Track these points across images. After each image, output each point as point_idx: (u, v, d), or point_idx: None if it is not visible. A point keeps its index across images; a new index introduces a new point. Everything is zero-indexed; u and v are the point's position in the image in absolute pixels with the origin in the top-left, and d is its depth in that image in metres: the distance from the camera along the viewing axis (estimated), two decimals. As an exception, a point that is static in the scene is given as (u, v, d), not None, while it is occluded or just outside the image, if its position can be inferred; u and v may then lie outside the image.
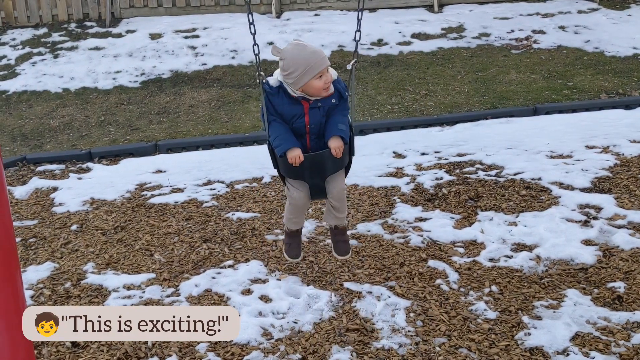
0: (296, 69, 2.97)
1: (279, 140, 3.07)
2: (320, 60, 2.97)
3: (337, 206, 3.33)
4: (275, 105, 3.10)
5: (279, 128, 3.09)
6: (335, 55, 9.74)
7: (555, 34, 10.42)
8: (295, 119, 3.09)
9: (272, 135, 3.11)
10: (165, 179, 6.32)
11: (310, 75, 2.97)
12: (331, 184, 3.22)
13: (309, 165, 3.09)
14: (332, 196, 3.25)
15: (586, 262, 4.37)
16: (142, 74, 9.71)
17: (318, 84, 3.00)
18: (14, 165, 6.97)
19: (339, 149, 3.06)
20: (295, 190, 3.23)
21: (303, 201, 3.28)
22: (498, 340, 3.66)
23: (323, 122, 3.12)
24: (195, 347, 3.73)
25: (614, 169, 5.76)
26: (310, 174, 3.15)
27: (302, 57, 2.96)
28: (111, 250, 4.94)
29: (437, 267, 4.43)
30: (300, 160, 3.05)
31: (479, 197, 5.42)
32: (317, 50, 3.01)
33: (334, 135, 3.07)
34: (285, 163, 3.10)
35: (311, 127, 3.11)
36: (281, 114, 3.11)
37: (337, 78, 3.15)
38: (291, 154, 3.04)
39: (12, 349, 2.62)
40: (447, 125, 7.41)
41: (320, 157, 3.09)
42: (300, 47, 3.00)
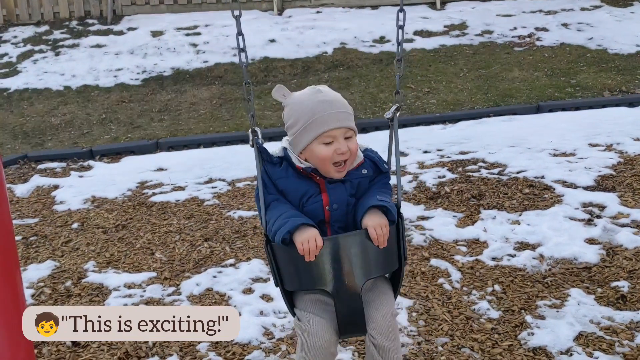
0: (296, 122, 2.09)
1: (282, 220, 2.00)
2: (330, 115, 1.99)
3: (387, 347, 2.05)
4: (277, 180, 2.13)
5: (282, 208, 2.08)
6: (337, 53, 9.71)
7: (558, 31, 10.39)
8: (307, 200, 2.08)
9: (270, 219, 2.06)
10: (167, 177, 6.31)
11: (313, 135, 2.02)
12: (372, 305, 2.04)
13: (332, 258, 1.95)
14: (375, 327, 2.01)
15: (590, 261, 4.34)
16: (144, 71, 9.70)
17: (323, 153, 2.01)
18: (15, 163, 6.96)
19: (381, 228, 1.97)
20: (312, 319, 2.02)
21: (326, 338, 2.00)
22: (501, 340, 3.63)
23: (352, 203, 2.10)
24: (196, 346, 3.71)
25: (618, 167, 5.73)
26: (335, 278, 1.95)
27: (308, 105, 2.06)
28: (112, 249, 4.92)
29: (440, 266, 4.40)
30: (318, 246, 1.94)
31: (482, 195, 5.39)
32: (334, 100, 2.05)
33: (372, 206, 2.02)
34: (292, 261, 2.00)
35: (333, 209, 2.06)
36: (285, 193, 2.12)
37: (367, 147, 2.26)
38: (302, 236, 1.93)
39: (12, 347, 2.60)
40: (449, 123, 7.38)
41: (351, 241, 1.97)
42: (312, 92, 2.11)
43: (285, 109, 2.18)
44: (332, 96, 2.09)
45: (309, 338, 2.01)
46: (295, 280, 2.05)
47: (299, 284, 2.04)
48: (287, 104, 2.18)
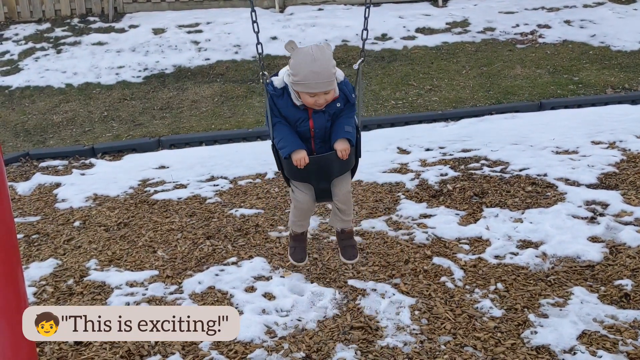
0: (295, 74, 2.92)
1: (284, 142, 3.03)
2: (315, 84, 2.87)
3: (344, 209, 3.29)
4: (280, 107, 3.04)
5: (283, 130, 3.05)
6: (339, 50, 9.69)
7: (560, 28, 10.35)
8: (299, 123, 3.05)
9: (276, 137, 3.07)
10: (169, 175, 6.30)
11: (304, 90, 2.91)
12: (337, 187, 3.18)
13: (314, 168, 3.05)
14: (338, 199, 3.21)
15: (593, 260, 4.32)
16: (145, 69, 9.68)
17: (308, 100, 2.95)
18: (17, 161, 6.96)
19: (345, 151, 3.02)
20: (301, 193, 3.20)
21: (308, 204, 3.23)
22: (504, 339, 3.62)
23: (328, 126, 3.07)
24: (198, 345, 3.71)
25: (621, 165, 5.71)
26: (316, 177, 3.11)
27: (304, 70, 2.86)
28: (114, 247, 4.92)
29: (442, 264, 4.39)
30: (306, 163, 3.00)
31: (484, 193, 5.37)
32: (322, 71, 2.87)
33: (340, 137, 3.02)
34: (290, 165, 3.06)
35: (316, 131, 3.06)
36: (286, 117, 3.06)
37: (344, 80, 3.06)
38: (296, 156, 3.00)
39: (14, 346, 2.60)
40: (451, 121, 7.36)
41: (326, 159, 3.05)
42: (309, 59, 2.87)
43: (291, 60, 2.92)
44: (322, 67, 2.85)
45: (298, 204, 3.24)
46: (291, 174, 3.14)
47: (294, 177, 3.16)
48: (293, 57, 2.91)
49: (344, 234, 3.48)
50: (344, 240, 3.50)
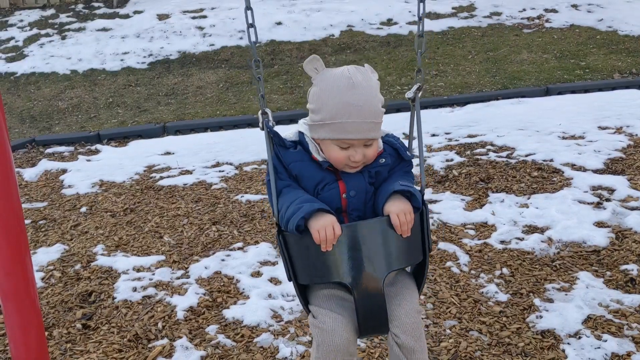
0: (318, 111, 1.89)
1: (296, 205, 1.83)
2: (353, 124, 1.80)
3: (411, 346, 1.89)
4: (289, 164, 1.95)
5: (295, 193, 1.91)
6: (344, 35, 9.64)
7: (567, 12, 10.27)
8: (322, 187, 1.93)
9: (283, 206, 1.88)
10: (174, 160, 6.31)
11: (330, 135, 1.85)
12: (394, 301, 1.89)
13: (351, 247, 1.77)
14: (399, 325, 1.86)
15: (599, 245, 4.32)
16: (150, 55, 9.67)
17: (336, 155, 1.87)
18: (23, 147, 6.98)
19: (405, 215, 1.81)
20: (328, 315, 1.85)
21: (344, 337, 1.83)
22: (509, 323, 3.63)
23: (370, 191, 1.95)
24: (205, 329, 3.74)
25: (627, 150, 5.69)
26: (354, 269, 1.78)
27: (335, 101, 1.84)
28: (121, 232, 4.94)
29: (448, 249, 4.40)
30: (336, 235, 1.76)
31: (490, 178, 5.37)
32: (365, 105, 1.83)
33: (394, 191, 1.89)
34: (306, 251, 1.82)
35: (350, 197, 1.90)
36: (299, 178, 1.96)
37: (389, 133, 2.11)
38: (319, 223, 1.76)
39: (23, 330, 2.62)
40: (457, 106, 7.34)
41: (371, 228, 1.81)
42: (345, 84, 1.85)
43: (313, 88, 1.95)
44: (364, 99, 1.86)
45: (325, 337, 1.82)
46: (309, 272, 1.85)
47: (314, 276, 1.85)
48: (316, 83, 1.94)
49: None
50: None
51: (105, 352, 3.57)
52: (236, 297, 4.04)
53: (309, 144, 1.94)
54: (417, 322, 1.90)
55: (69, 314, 3.95)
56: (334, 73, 1.91)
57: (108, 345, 3.62)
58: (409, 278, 2.03)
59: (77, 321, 3.87)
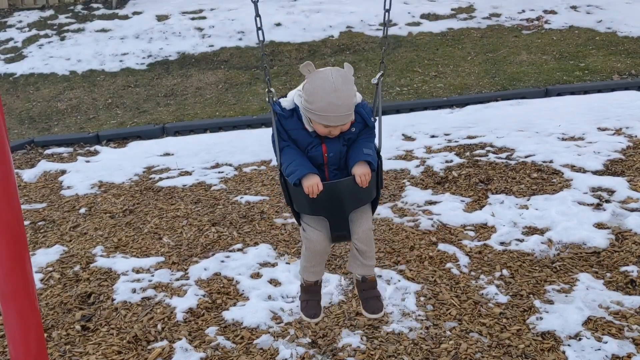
0: (309, 102, 2.57)
1: (293, 167, 2.64)
2: (334, 117, 2.54)
3: (364, 250, 2.82)
4: (288, 130, 2.70)
5: (292, 154, 2.68)
6: (343, 36, 9.64)
7: (566, 14, 10.27)
8: (310, 148, 2.69)
9: (284, 162, 2.69)
10: (173, 162, 6.30)
11: (319, 121, 2.59)
12: (356, 223, 2.74)
13: (329, 197, 2.63)
14: (357, 238, 2.76)
15: (598, 246, 4.32)
16: (149, 55, 9.66)
17: (321, 130, 2.62)
18: (22, 148, 6.97)
19: (365, 176, 2.61)
20: (313, 231, 2.76)
21: (322, 244, 2.78)
22: (509, 325, 3.63)
23: (344, 151, 2.71)
24: (204, 330, 3.73)
25: (627, 151, 5.69)
26: (330, 208, 2.68)
27: (322, 100, 2.52)
28: (120, 234, 4.93)
29: (448, 250, 4.39)
30: (319, 190, 2.58)
31: (490, 180, 5.36)
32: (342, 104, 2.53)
33: (359, 160, 2.64)
34: (300, 195, 2.65)
35: (329, 156, 2.69)
36: (295, 140, 2.70)
37: (362, 101, 2.71)
38: (308, 182, 2.59)
39: (22, 332, 2.61)
40: (457, 107, 7.33)
41: (342, 186, 2.63)
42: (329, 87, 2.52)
43: (306, 84, 2.60)
44: (342, 99, 2.54)
45: (310, 244, 2.80)
46: (302, 207, 2.74)
47: (305, 210, 2.74)
48: (309, 81, 2.59)
49: (365, 282, 2.94)
50: (366, 291, 2.96)
51: (104, 353, 3.56)
52: (236, 298, 4.03)
53: (302, 116, 2.67)
54: (369, 235, 2.81)
55: (68, 316, 3.94)
56: (321, 76, 2.56)
57: (107, 347, 3.62)
58: (367, 206, 2.83)
59: (76, 322, 3.86)
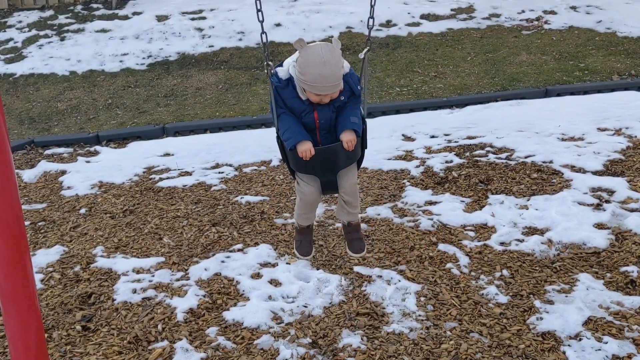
0: (302, 73, 2.88)
1: (289, 133, 2.98)
2: (323, 87, 2.86)
3: (350, 201, 3.26)
4: (285, 98, 3.01)
5: (288, 121, 3.00)
6: (343, 37, 9.64)
7: (566, 14, 10.27)
8: (304, 114, 3.01)
9: (281, 128, 3.02)
10: (174, 162, 6.30)
11: (311, 91, 2.90)
12: (343, 179, 3.15)
13: (320, 159, 3.00)
14: (344, 191, 3.18)
15: (598, 246, 4.32)
16: (149, 56, 9.66)
17: (313, 98, 2.94)
18: (22, 149, 6.97)
19: (351, 142, 2.97)
20: (306, 185, 3.16)
21: (314, 196, 3.20)
22: (510, 325, 3.63)
23: (333, 117, 3.03)
24: (205, 331, 3.73)
25: (627, 152, 5.69)
26: (321, 168, 3.07)
27: (313, 72, 2.83)
28: (120, 234, 4.93)
29: (448, 250, 4.40)
30: (311, 154, 2.95)
31: (490, 180, 5.37)
32: (331, 75, 2.84)
33: (346, 128, 2.98)
34: (295, 157, 3.01)
35: (321, 122, 3.02)
36: (291, 108, 3.02)
37: (350, 71, 3.01)
38: (301, 148, 2.95)
39: (22, 332, 2.61)
40: (456, 108, 7.33)
41: (331, 150, 3.00)
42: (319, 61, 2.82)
43: (299, 58, 2.88)
44: (331, 72, 2.82)
45: (303, 196, 3.21)
46: (297, 166, 3.12)
47: (299, 169, 3.13)
48: (301, 55, 2.87)
49: (350, 227, 3.45)
50: (351, 234, 3.46)
51: (105, 354, 3.56)
52: (236, 298, 4.03)
53: (297, 86, 2.97)
54: (354, 188, 3.22)
55: (68, 316, 3.94)
56: (312, 50, 2.84)
57: (108, 347, 3.62)
58: (353, 164, 3.17)
59: (76, 323, 3.86)
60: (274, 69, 3.02)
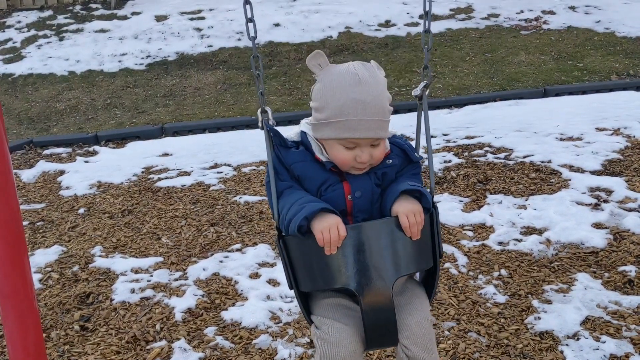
0: (322, 109, 1.79)
1: (300, 204, 1.73)
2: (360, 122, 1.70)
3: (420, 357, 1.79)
4: (291, 164, 1.85)
5: (297, 194, 1.81)
6: (342, 37, 9.65)
7: (565, 14, 10.29)
8: (326, 187, 1.82)
9: (285, 206, 1.78)
10: (172, 162, 6.30)
11: (335, 135, 1.75)
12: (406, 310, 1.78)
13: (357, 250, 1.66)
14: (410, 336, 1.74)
15: (597, 246, 4.32)
16: (148, 56, 9.66)
17: (342, 156, 1.76)
18: (21, 149, 6.97)
19: (415, 216, 1.71)
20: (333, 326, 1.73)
21: (349, 349, 1.72)
22: (508, 325, 3.63)
23: (377, 192, 1.84)
24: (203, 330, 3.73)
25: (625, 152, 5.69)
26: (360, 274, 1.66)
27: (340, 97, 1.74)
28: (119, 234, 4.94)
29: (446, 250, 4.40)
30: (341, 236, 1.66)
31: (488, 180, 5.37)
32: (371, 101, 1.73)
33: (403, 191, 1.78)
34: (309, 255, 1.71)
35: (355, 198, 1.80)
36: (301, 179, 1.85)
37: (397, 134, 2.02)
38: (323, 224, 1.66)
39: (21, 333, 2.61)
40: (455, 108, 7.34)
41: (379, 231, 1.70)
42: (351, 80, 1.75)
43: (316, 85, 1.85)
44: (372, 95, 1.76)
45: (330, 350, 1.69)
46: (312, 278, 1.72)
47: (317, 282, 1.72)
48: (319, 79, 1.84)
49: None
50: None
51: (103, 354, 3.56)
52: (234, 298, 4.03)
53: (311, 143, 1.84)
54: (429, 332, 1.79)
55: (67, 316, 3.94)
56: (339, 69, 1.82)
57: (106, 347, 3.62)
58: (418, 286, 1.91)
59: (75, 323, 3.86)
60: (272, 120, 1.96)
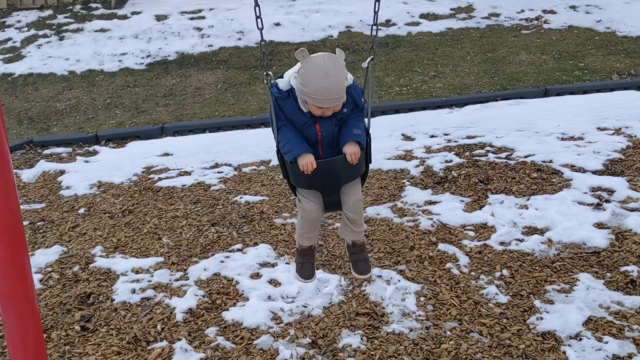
0: (304, 85, 2.74)
1: (290, 146, 2.84)
2: (326, 99, 2.72)
3: (354, 219, 3.06)
4: (285, 111, 2.87)
5: (289, 133, 2.87)
6: (342, 36, 9.63)
7: (566, 13, 10.27)
8: (305, 127, 2.87)
9: (281, 140, 2.88)
10: (172, 162, 6.29)
11: (313, 103, 2.76)
12: (346, 194, 2.96)
13: (322, 173, 2.84)
14: (347, 208, 2.99)
15: (598, 246, 4.32)
16: (148, 55, 9.64)
17: (315, 111, 2.81)
18: (21, 149, 6.95)
19: (355, 154, 2.81)
20: (308, 202, 2.98)
21: (316, 214, 3.00)
22: (510, 325, 3.62)
23: (336, 130, 2.90)
24: (204, 331, 3.72)
25: (627, 151, 5.68)
26: (323, 183, 2.90)
27: (315, 84, 2.69)
28: (119, 234, 4.92)
29: (447, 250, 4.39)
30: (313, 168, 2.79)
31: (489, 180, 5.36)
32: (334, 87, 2.71)
33: (349, 140, 2.83)
34: (296, 171, 2.85)
35: (323, 135, 2.88)
36: (291, 120, 2.88)
37: (353, 83, 2.87)
38: (303, 161, 2.79)
39: (21, 333, 2.60)
40: (456, 107, 7.33)
41: (334, 164, 2.84)
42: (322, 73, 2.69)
43: (301, 69, 2.76)
44: (334, 83, 2.70)
45: (305, 213, 3.02)
46: (297, 181, 2.94)
47: (300, 184, 2.95)
48: (303, 66, 2.75)
49: (355, 247, 3.24)
50: (356, 254, 3.24)
51: (104, 354, 3.55)
52: (235, 298, 4.02)
53: (298, 98, 2.83)
54: (358, 205, 3.02)
55: (67, 316, 3.93)
56: (314, 61, 2.72)
57: (107, 348, 3.61)
58: (357, 179, 3.02)
59: (75, 323, 3.85)
60: (274, 80, 2.91)
